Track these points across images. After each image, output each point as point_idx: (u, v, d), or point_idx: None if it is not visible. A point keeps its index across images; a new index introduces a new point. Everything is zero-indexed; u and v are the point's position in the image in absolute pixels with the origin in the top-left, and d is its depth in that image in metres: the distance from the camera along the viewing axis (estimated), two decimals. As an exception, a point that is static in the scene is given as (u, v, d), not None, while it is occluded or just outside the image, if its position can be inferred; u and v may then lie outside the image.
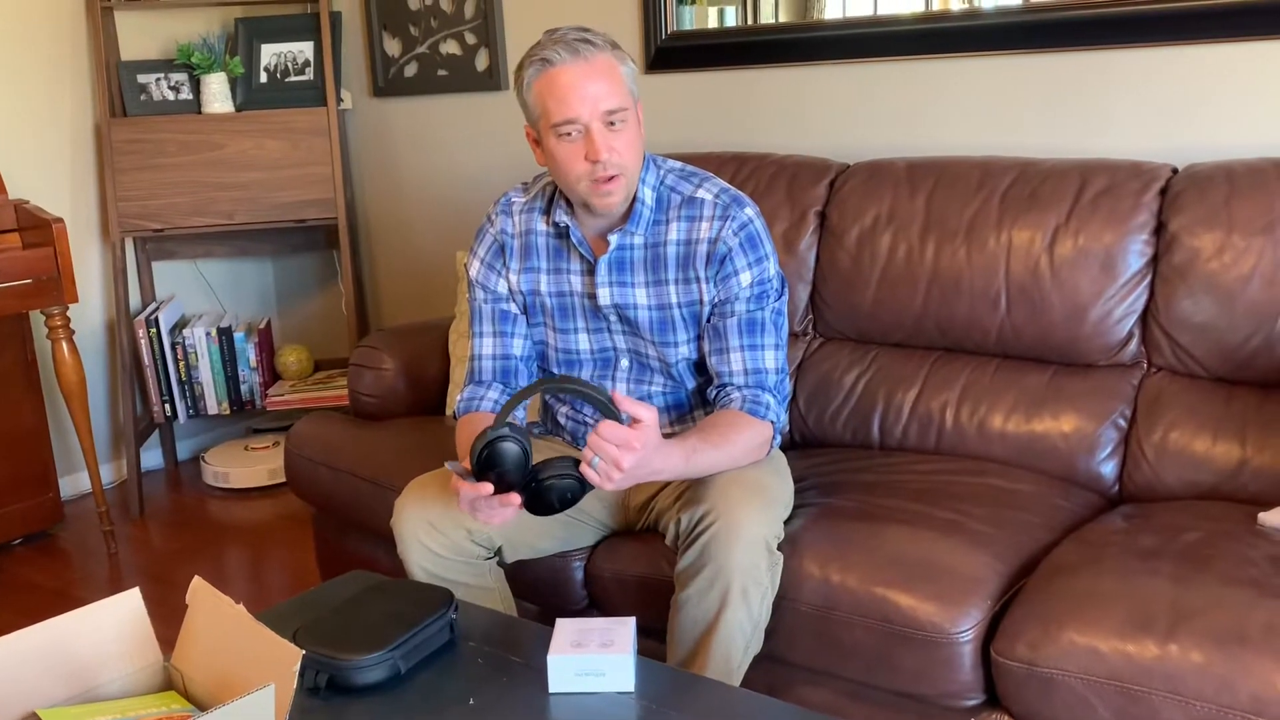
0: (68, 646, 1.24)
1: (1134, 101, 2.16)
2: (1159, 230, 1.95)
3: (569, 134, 1.63)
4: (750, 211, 1.73)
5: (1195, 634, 1.40)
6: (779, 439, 1.77)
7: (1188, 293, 1.90)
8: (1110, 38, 2.16)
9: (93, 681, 1.25)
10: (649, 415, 1.48)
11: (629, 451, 1.46)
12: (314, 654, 1.34)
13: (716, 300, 1.74)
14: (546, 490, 1.51)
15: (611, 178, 1.64)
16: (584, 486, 1.52)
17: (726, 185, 1.77)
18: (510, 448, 1.48)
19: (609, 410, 1.48)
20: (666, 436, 1.84)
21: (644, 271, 1.75)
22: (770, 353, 1.73)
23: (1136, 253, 1.95)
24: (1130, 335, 1.98)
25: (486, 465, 1.48)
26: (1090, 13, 2.17)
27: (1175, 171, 1.99)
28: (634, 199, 1.72)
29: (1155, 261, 1.95)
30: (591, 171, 1.64)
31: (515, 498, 1.51)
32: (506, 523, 1.57)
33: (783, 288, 1.77)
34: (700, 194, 1.74)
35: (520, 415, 1.83)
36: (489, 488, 1.49)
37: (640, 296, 1.76)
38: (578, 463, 1.50)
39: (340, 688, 1.36)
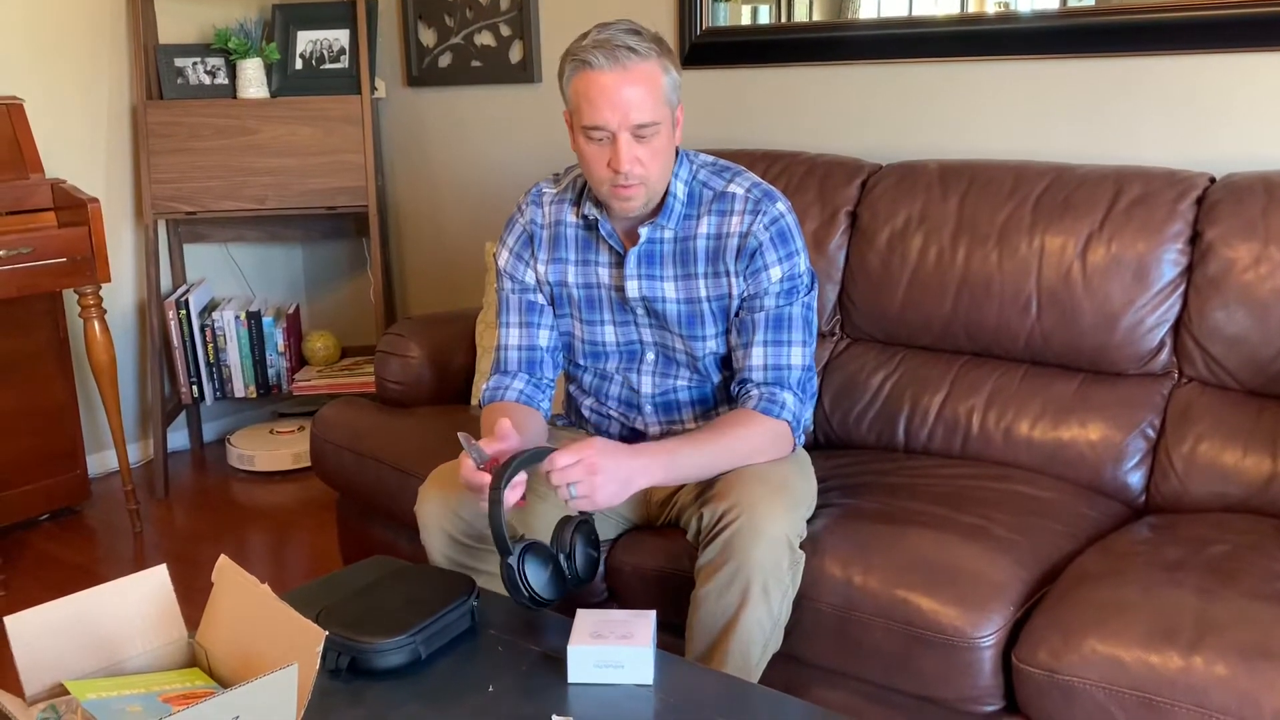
0: (96, 619, 1.25)
1: (1171, 109, 2.14)
2: (1194, 240, 1.93)
3: (597, 138, 1.63)
4: (782, 206, 1.73)
5: (1220, 647, 1.39)
6: (803, 437, 1.77)
7: (1221, 304, 1.88)
8: (1149, 44, 2.14)
9: (119, 655, 1.26)
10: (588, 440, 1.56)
11: (586, 462, 1.52)
12: (336, 636, 1.35)
13: (746, 295, 1.74)
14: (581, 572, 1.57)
15: (632, 185, 1.65)
16: (595, 542, 1.59)
17: (758, 180, 1.77)
18: (538, 574, 1.50)
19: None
20: (690, 431, 1.85)
21: (673, 265, 1.76)
22: (796, 349, 1.73)
23: (1170, 262, 1.93)
24: (1161, 345, 1.96)
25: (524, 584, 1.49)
26: (1129, 18, 2.15)
27: (1213, 181, 1.97)
28: (666, 192, 1.73)
29: (1189, 271, 1.93)
30: (613, 178, 1.65)
31: (519, 490, 1.55)
32: (516, 509, 1.59)
33: (813, 283, 1.77)
34: (732, 189, 1.75)
35: (545, 407, 1.83)
36: (486, 478, 1.52)
37: (669, 290, 1.76)
38: (579, 525, 1.57)
39: (361, 670, 1.37)
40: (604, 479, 1.53)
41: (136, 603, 1.29)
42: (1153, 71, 2.15)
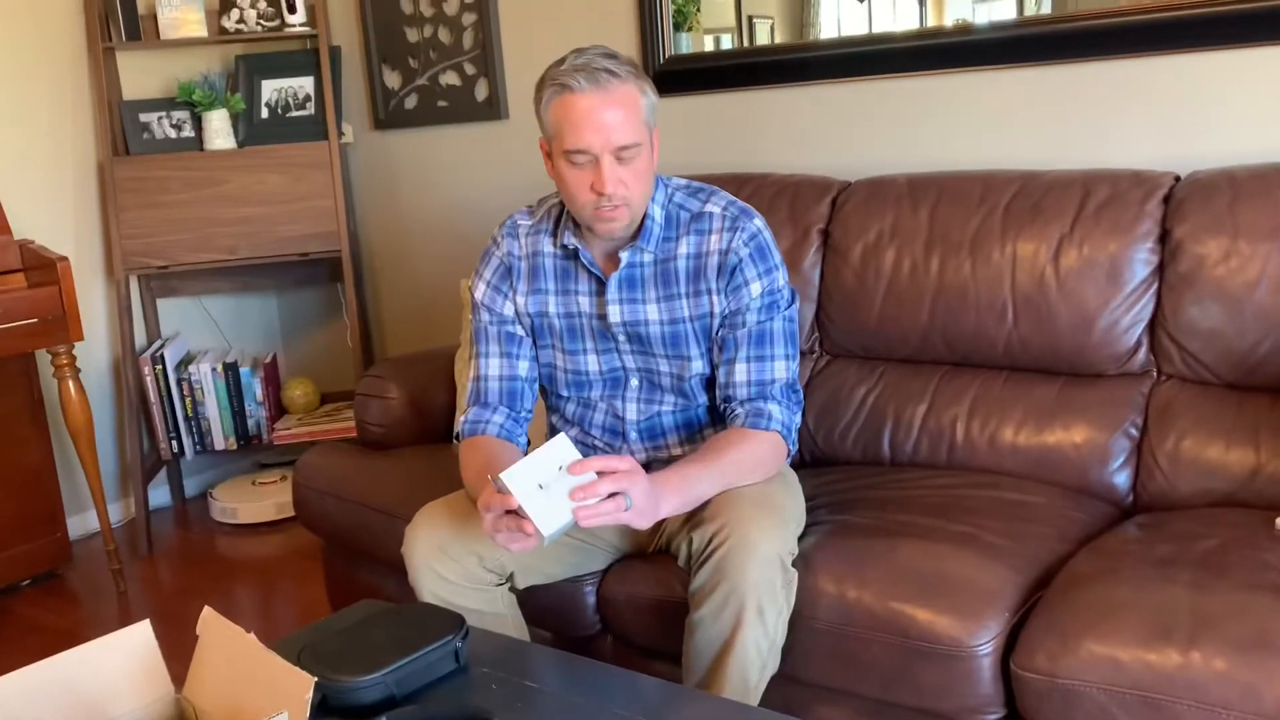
0: (78, 681, 1.23)
1: (1133, 111, 2.17)
2: (1163, 238, 1.94)
3: (579, 162, 1.63)
4: (758, 223, 1.74)
5: (1217, 641, 1.39)
6: (795, 443, 1.76)
7: (1195, 300, 1.89)
8: (1105, 48, 2.16)
9: (105, 716, 1.24)
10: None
11: (633, 473, 1.50)
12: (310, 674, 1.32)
13: (727, 311, 1.74)
14: None
15: (616, 207, 1.65)
16: None
17: (733, 198, 1.78)
18: None
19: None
20: (676, 457, 1.84)
21: (655, 287, 1.76)
22: (780, 363, 1.73)
23: (1142, 261, 1.94)
24: (1139, 344, 1.97)
25: None
26: (1085, 24, 2.18)
27: (1178, 179, 1.99)
28: (644, 216, 1.73)
29: (1161, 269, 1.94)
30: (596, 201, 1.64)
31: (529, 525, 1.48)
32: (525, 550, 1.55)
33: (793, 297, 1.78)
34: (709, 208, 1.76)
35: (522, 442, 1.81)
36: (513, 501, 1.47)
37: (651, 312, 1.76)
38: None
39: (336, 709, 1.34)
40: (643, 496, 1.52)
41: (120, 661, 1.26)
42: (1112, 75, 2.18)
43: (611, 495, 1.49)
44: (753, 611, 1.54)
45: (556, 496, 1.48)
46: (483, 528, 1.54)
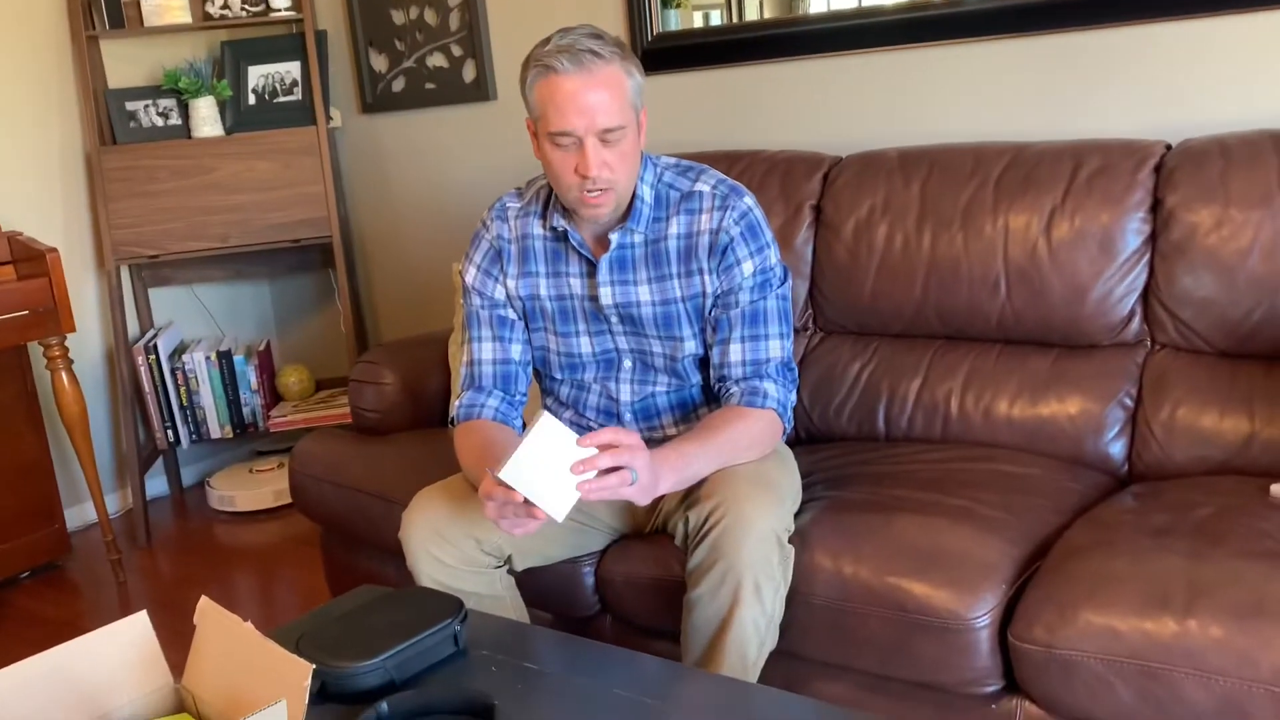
0: (76, 673, 1.22)
1: (1123, 80, 2.16)
2: (1155, 207, 1.94)
3: (563, 144, 1.62)
4: (749, 201, 1.73)
5: (1213, 609, 1.39)
6: (790, 420, 1.76)
7: (1187, 269, 1.89)
8: (1095, 17, 2.15)
9: (103, 707, 1.24)
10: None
11: (636, 448, 1.50)
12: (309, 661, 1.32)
13: (720, 291, 1.73)
14: None
15: (600, 191, 1.64)
16: None
17: (723, 176, 1.77)
18: None
19: None
20: (671, 437, 1.84)
21: (646, 268, 1.75)
22: (774, 342, 1.73)
23: (1134, 231, 1.94)
24: (1132, 314, 1.97)
25: None
26: (1075, -6, 2.17)
27: (1169, 148, 1.98)
28: (634, 196, 1.72)
29: (1153, 239, 1.94)
30: (581, 184, 1.63)
31: (539, 511, 1.48)
32: (528, 534, 1.55)
33: (785, 275, 1.77)
34: (698, 187, 1.74)
35: (518, 425, 1.81)
36: (519, 495, 1.47)
37: (643, 293, 1.75)
38: None
39: (334, 696, 1.34)
40: (645, 470, 1.52)
41: (118, 652, 1.26)
42: (1101, 44, 2.17)
43: (615, 469, 1.49)
44: (750, 589, 1.54)
45: (559, 478, 1.47)
46: (485, 514, 1.54)
